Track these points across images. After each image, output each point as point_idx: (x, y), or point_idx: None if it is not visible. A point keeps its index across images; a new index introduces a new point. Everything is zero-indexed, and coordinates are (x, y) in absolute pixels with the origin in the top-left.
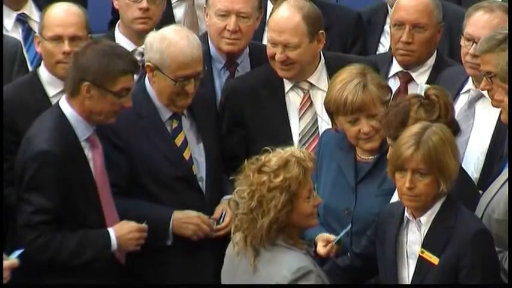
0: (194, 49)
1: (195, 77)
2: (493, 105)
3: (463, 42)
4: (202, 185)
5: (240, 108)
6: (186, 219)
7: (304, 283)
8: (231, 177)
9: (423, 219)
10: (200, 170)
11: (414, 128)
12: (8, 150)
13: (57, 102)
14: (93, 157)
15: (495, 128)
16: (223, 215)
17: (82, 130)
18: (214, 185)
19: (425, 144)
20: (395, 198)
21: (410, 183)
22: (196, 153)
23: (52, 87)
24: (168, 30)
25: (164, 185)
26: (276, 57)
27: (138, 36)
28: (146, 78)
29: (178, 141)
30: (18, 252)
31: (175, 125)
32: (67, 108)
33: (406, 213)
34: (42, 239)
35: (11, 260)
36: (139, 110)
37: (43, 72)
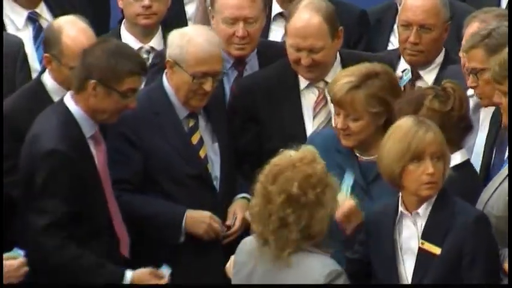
0: (213, 47)
1: (213, 76)
2: (484, 105)
3: (461, 53)
4: (217, 183)
5: (253, 105)
6: (198, 218)
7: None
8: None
9: (421, 211)
10: (215, 169)
11: (409, 119)
12: (11, 156)
13: (61, 99)
14: (97, 154)
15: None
16: (234, 219)
17: (87, 127)
18: (228, 183)
19: (434, 127)
20: None
21: (434, 168)
22: (211, 152)
23: (58, 96)
24: (189, 28)
25: (179, 183)
26: (302, 62)
27: (144, 34)
28: (164, 76)
29: (195, 139)
30: (21, 252)
31: (192, 123)
32: (72, 105)
33: (400, 209)
34: (57, 246)
35: (20, 258)
36: (156, 107)
37: (48, 80)
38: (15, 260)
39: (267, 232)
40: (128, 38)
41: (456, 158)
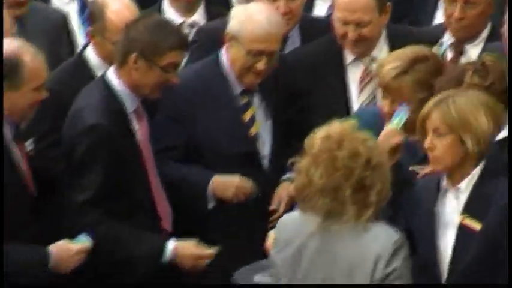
0: (273, 26)
1: (268, 55)
2: None
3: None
4: (265, 162)
5: (295, 81)
6: (226, 182)
7: (402, 254)
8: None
9: (463, 185)
10: (265, 147)
11: (443, 93)
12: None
13: (103, 74)
14: (139, 129)
15: None
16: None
17: (130, 102)
18: (277, 163)
19: (445, 103)
20: None
21: (430, 143)
22: (263, 130)
23: (100, 71)
24: (253, 4)
25: (226, 160)
26: (348, 36)
27: (186, 9)
28: (222, 50)
29: (247, 116)
30: (84, 238)
31: (245, 100)
32: (114, 80)
33: (443, 183)
34: (93, 223)
35: (82, 243)
36: (210, 82)
37: (91, 55)
38: (75, 245)
39: (335, 202)
40: (170, 12)
41: (502, 132)
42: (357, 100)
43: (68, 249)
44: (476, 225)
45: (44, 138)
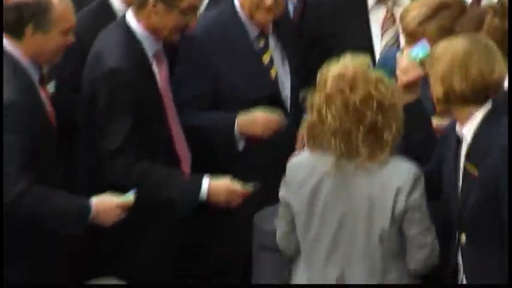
0: None
1: None
2: None
3: None
4: (287, 104)
5: (318, 27)
6: (252, 118)
7: (420, 185)
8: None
9: (465, 130)
10: (285, 88)
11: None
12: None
13: (123, 17)
14: (159, 72)
15: None
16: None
17: (149, 45)
18: (297, 103)
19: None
20: None
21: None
22: (282, 72)
23: None
24: None
25: (249, 104)
26: None
27: None
28: None
29: (265, 59)
30: (131, 194)
31: (262, 43)
32: (134, 23)
33: (457, 127)
34: (125, 168)
35: (126, 198)
36: (227, 27)
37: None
38: (117, 200)
39: (348, 144)
40: None
41: None
42: (379, 43)
43: (109, 203)
44: (475, 172)
45: (66, 83)
